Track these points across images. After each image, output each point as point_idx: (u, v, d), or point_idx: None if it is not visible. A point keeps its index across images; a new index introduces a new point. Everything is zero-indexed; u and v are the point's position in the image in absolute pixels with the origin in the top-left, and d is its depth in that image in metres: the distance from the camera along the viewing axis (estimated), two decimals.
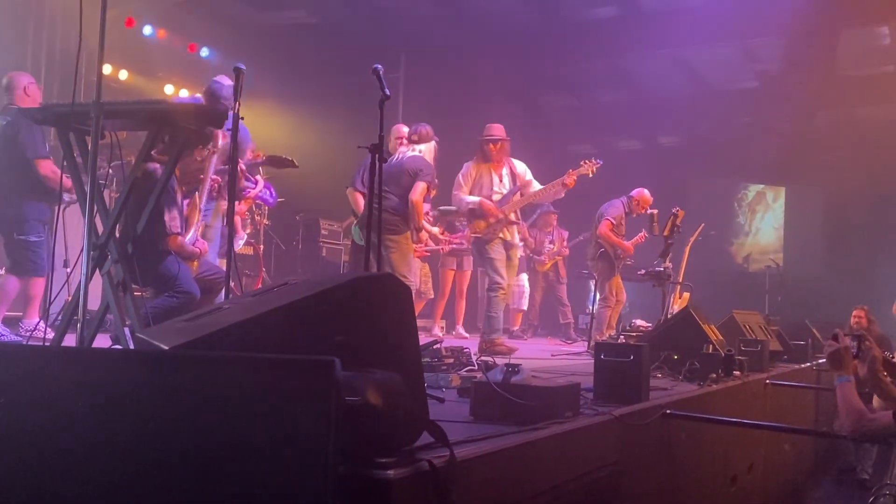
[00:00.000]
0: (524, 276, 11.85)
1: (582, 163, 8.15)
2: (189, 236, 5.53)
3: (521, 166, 7.96)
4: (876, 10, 11.33)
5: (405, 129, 7.60)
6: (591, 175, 8.11)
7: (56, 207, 6.01)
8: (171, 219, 5.11)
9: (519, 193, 7.88)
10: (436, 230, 10.00)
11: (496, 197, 7.81)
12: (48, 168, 6.11)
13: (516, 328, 11.70)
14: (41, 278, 6.29)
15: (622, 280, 9.78)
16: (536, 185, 7.91)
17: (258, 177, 8.82)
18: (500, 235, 7.71)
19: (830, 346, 3.81)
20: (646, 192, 9.88)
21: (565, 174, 7.85)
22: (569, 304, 12.11)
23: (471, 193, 7.83)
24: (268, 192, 8.97)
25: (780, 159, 15.67)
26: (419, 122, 7.37)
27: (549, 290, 12.53)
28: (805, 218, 16.63)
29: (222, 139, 6.98)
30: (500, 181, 7.89)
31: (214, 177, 6.42)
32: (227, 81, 6.24)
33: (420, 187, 6.89)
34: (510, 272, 7.84)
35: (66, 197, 5.30)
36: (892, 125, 14.46)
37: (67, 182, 4.38)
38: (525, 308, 12.07)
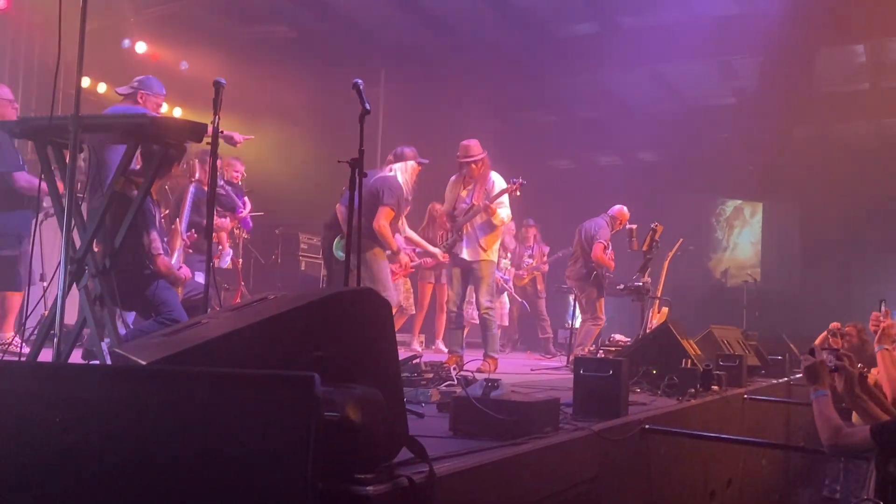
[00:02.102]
0: (504, 294, 11.87)
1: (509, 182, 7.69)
2: (173, 260, 5.50)
3: (491, 179, 7.63)
4: (852, 28, 11.47)
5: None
6: (517, 195, 7.70)
7: (33, 220, 5.96)
8: (152, 240, 5.04)
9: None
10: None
11: (458, 213, 7.69)
12: (24, 179, 6.06)
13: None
14: (17, 293, 6.22)
15: None
16: (500, 214, 7.53)
17: (245, 198, 8.87)
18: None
19: (807, 360, 3.83)
20: (625, 209, 9.91)
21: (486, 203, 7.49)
22: (548, 319, 12.13)
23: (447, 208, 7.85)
24: (249, 216, 9.08)
25: (758, 175, 15.81)
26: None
27: (528, 305, 12.55)
28: (782, 233, 16.76)
29: (199, 171, 7.03)
30: (463, 195, 7.72)
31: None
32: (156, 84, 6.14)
33: (382, 213, 6.74)
34: (481, 289, 7.61)
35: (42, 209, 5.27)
36: (867, 141, 14.65)
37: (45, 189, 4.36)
38: (507, 323, 12.08)
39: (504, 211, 7.56)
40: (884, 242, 14.82)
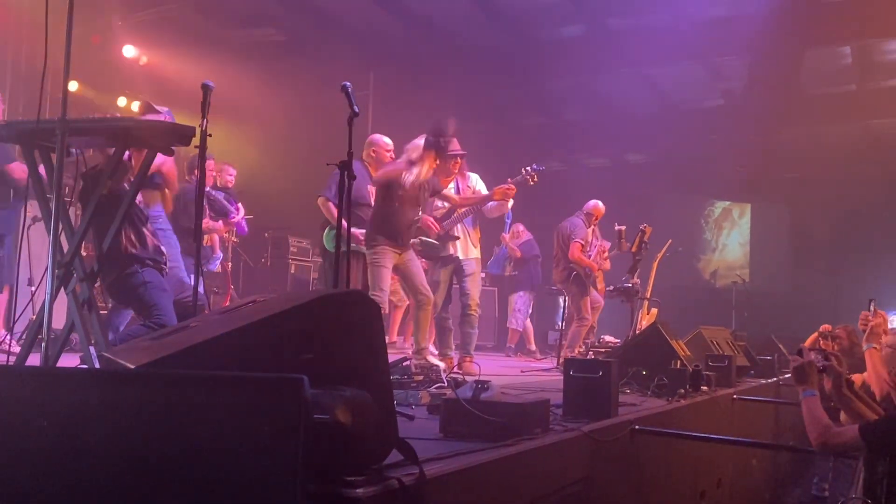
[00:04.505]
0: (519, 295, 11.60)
1: (522, 169, 7.49)
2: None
3: (472, 178, 7.58)
4: (838, 30, 11.54)
5: (386, 140, 7.37)
6: (532, 183, 7.45)
7: (16, 220, 5.92)
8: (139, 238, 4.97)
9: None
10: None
11: (438, 213, 7.48)
12: (19, 170, 5.98)
13: (512, 345, 11.56)
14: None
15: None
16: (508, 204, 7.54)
17: (239, 204, 8.85)
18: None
19: (795, 361, 3.85)
20: (599, 203, 9.87)
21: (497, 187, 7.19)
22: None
23: None
24: (244, 221, 9.07)
25: (746, 176, 15.86)
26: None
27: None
28: (770, 234, 16.83)
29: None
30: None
31: None
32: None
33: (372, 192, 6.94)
34: (475, 286, 7.47)
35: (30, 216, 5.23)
36: (855, 142, 14.71)
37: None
38: (520, 328, 11.68)
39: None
40: (872, 243, 14.89)
